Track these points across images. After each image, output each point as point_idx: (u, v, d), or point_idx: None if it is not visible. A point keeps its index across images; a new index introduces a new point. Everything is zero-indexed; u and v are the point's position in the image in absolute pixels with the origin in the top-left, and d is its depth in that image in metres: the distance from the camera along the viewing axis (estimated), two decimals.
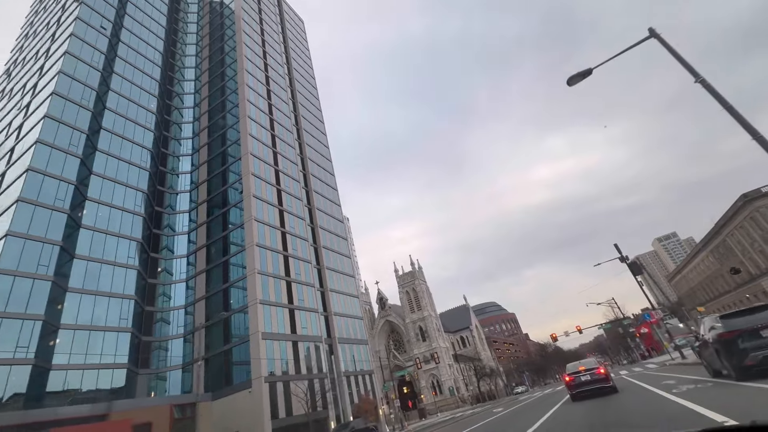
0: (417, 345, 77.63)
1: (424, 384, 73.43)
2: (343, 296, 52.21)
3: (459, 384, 73.97)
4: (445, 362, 74.19)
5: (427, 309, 79.20)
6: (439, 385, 73.15)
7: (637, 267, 35.09)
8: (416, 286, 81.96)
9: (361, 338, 51.44)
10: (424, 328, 78.28)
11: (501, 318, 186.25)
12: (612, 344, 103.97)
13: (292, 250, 46.02)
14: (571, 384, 13.84)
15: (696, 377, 12.29)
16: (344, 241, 58.63)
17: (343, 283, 53.70)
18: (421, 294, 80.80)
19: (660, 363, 34.52)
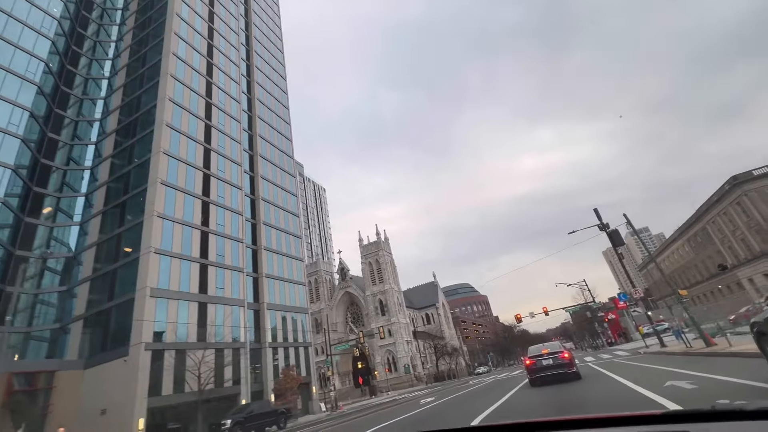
0: (375, 319, 71.76)
1: (379, 360, 67.93)
2: (283, 258, 44.69)
3: (416, 362, 68.86)
4: (403, 338, 68.71)
5: (389, 282, 73.04)
6: (395, 362, 67.86)
7: (618, 236, 28.47)
8: (380, 257, 75.44)
9: (300, 306, 44.39)
10: (384, 301, 72.33)
11: (473, 299, 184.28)
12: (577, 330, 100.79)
13: (217, 197, 37.93)
14: (532, 368, 12.52)
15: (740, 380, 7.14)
16: (293, 198, 50.68)
17: (285, 243, 46.09)
18: (384, 266, 74.42)
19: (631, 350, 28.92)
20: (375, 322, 71.29)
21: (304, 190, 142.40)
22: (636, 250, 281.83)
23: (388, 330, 69.87)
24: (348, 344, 42.24)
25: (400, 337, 68.44)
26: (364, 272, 76.73)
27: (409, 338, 70.06)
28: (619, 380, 10.11)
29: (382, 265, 74.55)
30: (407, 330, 71.48)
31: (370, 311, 72.54)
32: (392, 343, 68.75)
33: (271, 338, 38.63)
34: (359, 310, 76.55)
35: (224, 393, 30.37)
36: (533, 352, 13.19)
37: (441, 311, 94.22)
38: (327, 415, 33.24)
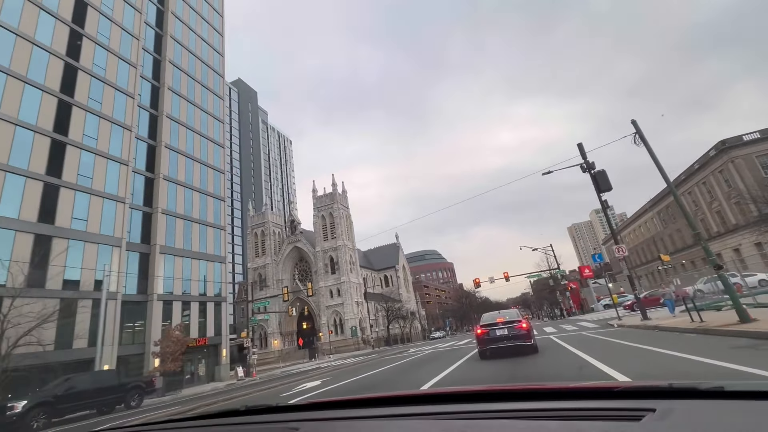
0: (324, 277, 64.80)
1: (325, 321, 61.65)
2: (194, 193, 35.51)
3: (365, 324, 63.07)
4: (352, 299, 62.32)
5: (342, 238, 65.51)
6: (342, 324, 61.82)
7: (605, 179, 20.98)
8: (334, 211, 67.37)
9: (214, 254, 35.97)
10: (335, 259, 65.12)
11: (439, 266, 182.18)
12: (536, 299, 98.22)
13: (89, 100, 27.85)
14: (483, 338, 10.33)
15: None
16: (216, 124, 40.76)
17: (199, 176, 36.75)
18: (338, 221, 66.55)
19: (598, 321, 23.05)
20: (324, 280, 64.44)
21: (267, 140, 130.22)
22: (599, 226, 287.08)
23: (337, 290, 63.32)
24: (264, 302, 34.47)
25: (349, 298, 62.08)
26: (315, 226, 68.76)
27: (360, 299, 63.83)
28: None
29: (336, 220, 66.73)
30: (358, 291, 65.12)
31: (320, 269, 65.39)
32: (340, 303, 62.39)
33: (163, 289, 30.29)
34: (309, 267, 69.36)
35: (71, 357, 22.12)
36: (487, 321, 11.11)
37: (400, 274, 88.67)
38: (226, 386, 25.90)
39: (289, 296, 47.98)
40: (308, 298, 64.74)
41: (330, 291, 63.57)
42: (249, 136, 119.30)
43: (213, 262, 35.55)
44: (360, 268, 75.34)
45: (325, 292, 63.54)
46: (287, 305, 51.78)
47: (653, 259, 63.33)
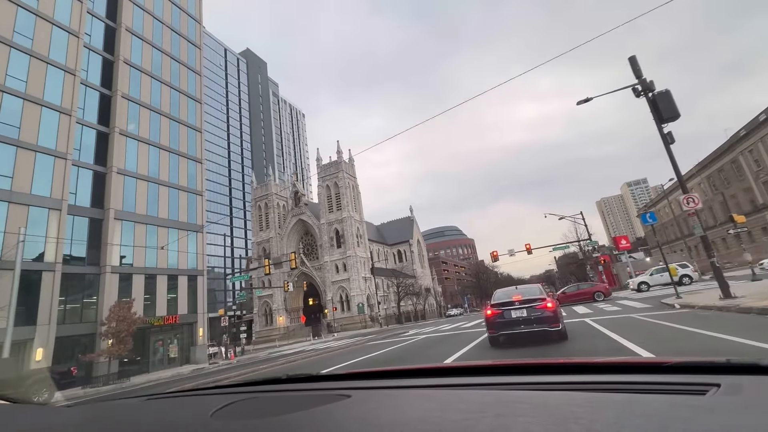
0: (330, 251, 60.43)
1: (330, 297, 57.69)
2: (161, 151, 30.76)
3: (373, 301, 58.73)
4: (359, 274, 57.80)
5: (347, 209, 60.53)
6: (348, 300, 57.74)
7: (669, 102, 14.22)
8: (339, 180, 62.19)
9: (186, 222, 31.50)
10: (341, 231, 60.44)
11: (459, 242, 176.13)
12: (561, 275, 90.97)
13: (13, 33, 23.01)
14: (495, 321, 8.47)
15: None
16: (191, 76, 35.38)
17: (168, 133, 31.88)
18: (344, 191, 61.46)
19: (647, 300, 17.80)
20: (329, 254, 60.11)
21: (279, 113, 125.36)
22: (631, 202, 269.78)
23: (343, 264, 58.93)
24: (247, 275, 29.97)
25: (355, 273, 57.64)
26: (320, 197, 64.00)
27: (366, 274, 59.25)
28: None
29: (342, 190, 61.65)
30: (366, 265, 60.45)
31: (324, 242, 60.96)
32: (347, 279, 58.07)
33: (120, 261, 26.07)
34: (314, 242, 65.15)
35: None
36: (500, 299, 8.82)
37: (415, 248, 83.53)
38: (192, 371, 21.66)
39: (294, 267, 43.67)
40: (314, 273, 61.01)
41: (336, 266, 59.36)
42: (259, 108, 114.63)
43: (186, 231, 31.08)
44: (371, 242, 71.29)
45: (331, 267, 59.40)
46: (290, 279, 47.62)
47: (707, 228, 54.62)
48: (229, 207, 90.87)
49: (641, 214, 21.56)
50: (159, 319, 27.24)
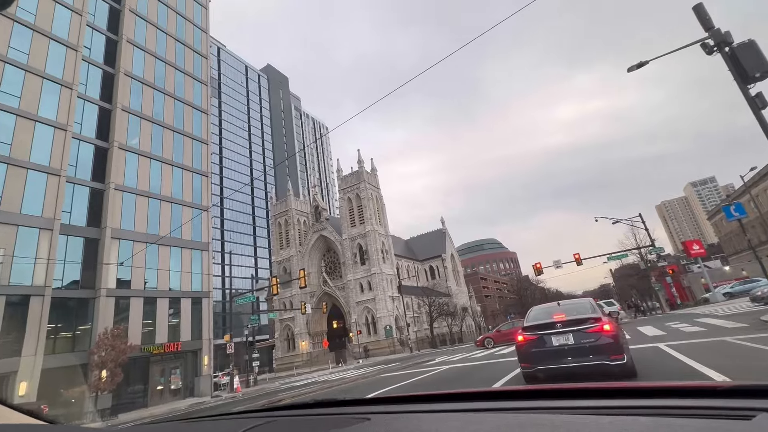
0: (353, 269, 58.64)
1: (355, 319, 55.46)
2: (164, 165, 30.45)
3: (401, 323, 55.89)
4: (386, 293, 55.35)
5: (371, 223, 58.74)
6: (374, 322, 55.28)
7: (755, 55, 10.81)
8: (361, 191, 60.80)
9: (191, 240, 30.75)
10: (364, 247, 58.60)
11: (499, 256, 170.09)
12: (619, 288, 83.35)
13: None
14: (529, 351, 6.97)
15: None
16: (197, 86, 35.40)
17: (172, 146, 31.67)
18: (366, 202, 59.87)
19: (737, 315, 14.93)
20: (352, 272, 58.31)
21: (301, 128, 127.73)
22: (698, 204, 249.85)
23: (368, 283, 56.81)
24: (251, 297, 28.50)
25: (381, 292, 55.26)
26: (341, 210, 62.78)
27: (393, 293, 56.68)
28: None
29: (364, 202, 60.12)
30: (392, 283, 58.00)
31: (347, 259, 59.30)
32: (371, 299, 55.77)
33: (116, 283, 25.36)
34: (337, 259, 63.73)
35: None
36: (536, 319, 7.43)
37: (448, 264, 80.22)
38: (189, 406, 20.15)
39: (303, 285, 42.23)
40: (336, 293, 59.36)
41: (360, 284, 57.38)
42: (281, 124, 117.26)
43: (190, 250, 30.27)
44: (399, 258, 69.37)
45: (354, 286, 57.48)
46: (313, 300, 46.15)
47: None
48: (252, 226, 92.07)
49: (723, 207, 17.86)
50: (159, 346, 26.14)
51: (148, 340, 25.84)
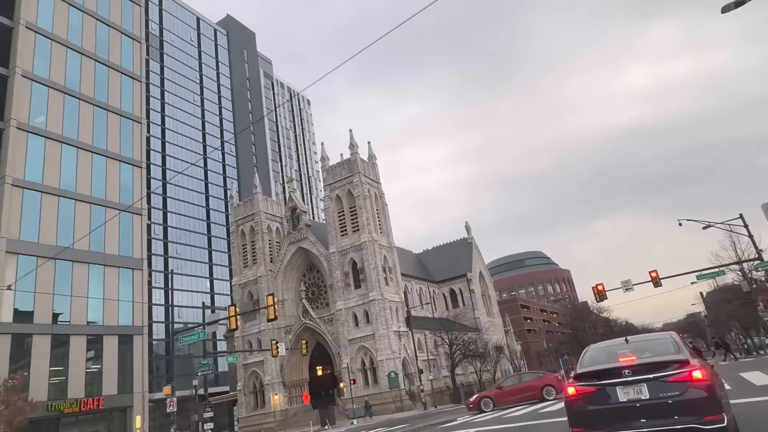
0: (344, 294, 58.39)
1: (347, 365, 55.03)
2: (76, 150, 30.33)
3: (411, 368, 55.40)
4: (389, 328, 54.96)
5: (367, 230, 58.48)
6: (374, 368, 54.91)
7: None
8: (355, 187, 60.61)
9: (118, 254, 30.55)
10: (359, 263, 58.31)
11: (547, 275, 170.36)
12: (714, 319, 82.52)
13: None
14: (583, 410, 7.04)
15: None
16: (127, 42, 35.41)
17: (88, 128, 31.58)
18: (362, 202, 59.65)
19: None
20: (343, 298, 58.10)
21: (274, 100, 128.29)
22: None
23: (365, 313, 56.52)
24: (201, 333, 28.23)
25: (383, 325, 54.88)
26: (328, 214, 62.79)
27: (401, 327, 56.31)
28: None
29: (359, 201, 59.91)
30: (398, 313, 57.66)
31: (336, 280, 59.06)
32: (370, 335, 55.42)
33: (12, 315, 25.17)
34: (322, 280, 63.60)
35: None
36: (594, 363, 7.66)
37: (476, 286, 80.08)
38: None
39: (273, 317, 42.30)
40: (322, 327, 59.13)
41: (354, 315, 57.17)
42: (246, 96, 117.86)
43: (117, 269, 30.11)
44: (409, 278, 70.27)
45: (347, 318, 57.25)
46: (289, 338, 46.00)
47: None
48: (207, 236, 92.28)
49: None
50: (73, 403, 25.91)
51: (57, 394, 25.84)
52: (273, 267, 65.16)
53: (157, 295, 73.96)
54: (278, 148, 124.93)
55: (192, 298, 77.49)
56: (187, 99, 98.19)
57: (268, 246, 67.16)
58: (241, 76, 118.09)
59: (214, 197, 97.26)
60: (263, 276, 64.43)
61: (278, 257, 65.52)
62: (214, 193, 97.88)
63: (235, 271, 69.87)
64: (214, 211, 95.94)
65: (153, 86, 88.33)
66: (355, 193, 60.70)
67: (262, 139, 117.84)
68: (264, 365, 60.85)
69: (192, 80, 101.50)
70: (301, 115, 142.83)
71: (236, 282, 67.60)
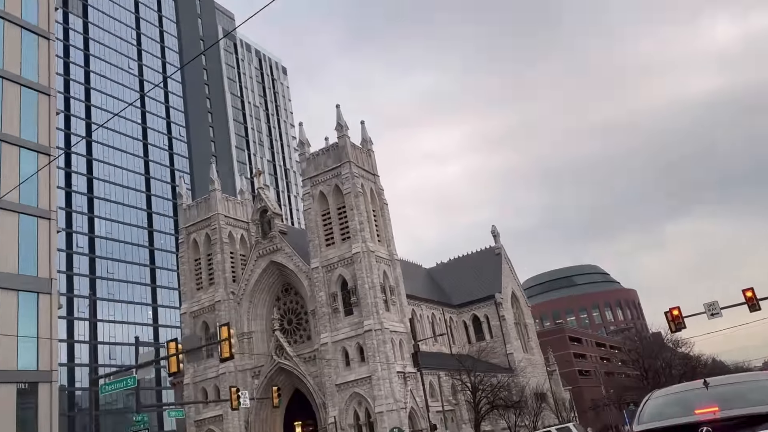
0: (331, 323, 59.14)
1: (335, 419, 55.06)
2: None
3: (420, 422, 55.47)
4: (390, 368, 55.53)
5: (361, 237, 58.80)
6: (372, 423, 54.99)
7: None
8: (342, 181, 61.08)
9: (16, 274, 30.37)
10: (350, 282, 58.48)
11: (605, 297, 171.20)
12: None
13: None
14: None
15: None
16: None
17: None
18: (352, 200, 59.90)
19: None
20: (329, 329, 58.82)
21: (237, 68, 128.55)
22: None
23: (358, 348, 56.62)
24: (130, 380, 27.78)
25: (383, 364, 55.39)
26: (308, 217, 63.12)
27: (407, 366, 56.33)
28: None
29: (349, 199, 60.23)
30: (403, 348, 58.18)
31: (321, 304, 59.32)
32: (365, 378, 55.57)
33: None
34: (302, 304, 63.81)
35: None
36: (660, 416, 7.71)
37: (508, 312, 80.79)
38: None
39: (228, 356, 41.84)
40: (301, 368, 59.30)
41: (344, 351, 58.13)
42: (201, 62, 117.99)
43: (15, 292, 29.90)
44: (417, 301, 71.14)
45: (334, 354, 58.16)
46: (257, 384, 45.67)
47: None
48: (148, 248, 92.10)
49: None
50: None
51: None
52: (236, 288, 65.88)
53: (80, 328, 73.95)
54: (244, 131, 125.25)
55: (127, 333, 77.18)
56: (120, 66, 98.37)
57: (230, 261, 67.69)
58: (193, 35, 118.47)
59: (158, 197, 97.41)
60: (223, 301, 65.00)
61: (243, 275, 66.13)
62: (158, 191, 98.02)
63: (185, 295, 70.42)
64: (158, 216, 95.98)
65: (74, 49, 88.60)
66: (344, 189, 61.37)
67: (222, 119, 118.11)
68: (224, 421, 61.23)
69: (126, 40, 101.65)
70: (275, 88, 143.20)
71: (186, 309, 68.32)
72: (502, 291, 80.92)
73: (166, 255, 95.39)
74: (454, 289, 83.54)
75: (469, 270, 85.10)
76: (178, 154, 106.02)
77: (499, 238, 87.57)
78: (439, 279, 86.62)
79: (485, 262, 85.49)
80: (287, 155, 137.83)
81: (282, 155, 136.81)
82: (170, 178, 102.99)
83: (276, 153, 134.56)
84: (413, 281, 72.55)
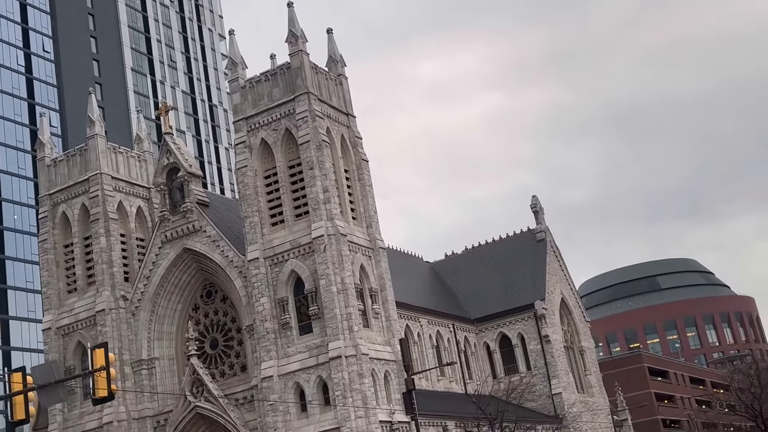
0: (278, 344, 59.79)
1: None
2: None
3: None
4: (368, 418, 56.15)
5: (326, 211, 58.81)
6: None
7: None
8: (297, 123, 61.08)
9: None
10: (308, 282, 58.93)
11: (707, 307, 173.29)
12: None
13: None
14: None
15: None
16: None
17: None
18: (312, 154, 59.95)
19: None
20: (273, 354, 58.85)
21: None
22: None
23: (320, 383, 57.00)
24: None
25: (357, 411, 55.96)
26: (243, 179, 62.83)
27: (394, 413, 57.26)
28: None
29: (308, 153, 60.34)
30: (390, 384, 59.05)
31: (262, 317, 59.62)
32: (332, 430, 56.11)
33: None
34: (233, 315, 65.18)
35: None
36: None
37: (555, 330, 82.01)
38: None
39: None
40: (229, 414, 59.89)
41: (298, 389, 58.65)
42: None
43: None
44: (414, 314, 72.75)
45: (282, 395, 58.47)
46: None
47: None
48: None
49: None
50: None
51: None
52: (130, 291, 66.57)
53: None
54: (146, 44, 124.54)
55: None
56: None
57: (121, 248, 68.75)
58: None
59: (6, 146, 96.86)
60: (108, 311, 65.24)
61: (142, 271, 66.85)
62: (7, 136, 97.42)
63: (49, 301, 70.84)
64: (5, 176, 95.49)
65: None
66: (299, 137, 61.69)
67: (110, 23, 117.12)
68: None
69: None
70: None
71: (52, 323, 68.65)
72: (546, 298, 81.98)
73: (20, 237, 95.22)
74: (472, 294, 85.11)
75: (494, 266, 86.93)
76: (38, 78, 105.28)
77: (543, 217, 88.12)
78: (448, 279, 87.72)
79: (520, 254, 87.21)
80: (214, 83, 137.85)
81: (206, 83, 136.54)
82: (27, 118, 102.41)
83: (197, 80, 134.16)
84: (408, 282, 73.30)
